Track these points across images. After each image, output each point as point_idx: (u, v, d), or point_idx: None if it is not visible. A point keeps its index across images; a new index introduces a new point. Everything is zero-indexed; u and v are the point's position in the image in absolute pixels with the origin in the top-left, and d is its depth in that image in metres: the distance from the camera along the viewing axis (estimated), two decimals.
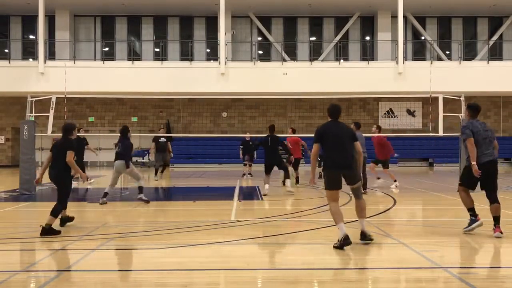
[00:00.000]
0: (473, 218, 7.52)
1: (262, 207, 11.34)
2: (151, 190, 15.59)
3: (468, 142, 7.34)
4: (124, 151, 11.58)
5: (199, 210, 10.51)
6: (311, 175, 7.12)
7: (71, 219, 8.26)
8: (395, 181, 14.91)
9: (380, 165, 15.18)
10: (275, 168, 13.69)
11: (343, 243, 6.47)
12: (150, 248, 6.79)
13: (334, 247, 6.53)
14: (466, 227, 7.59)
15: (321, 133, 6.84)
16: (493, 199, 7.46)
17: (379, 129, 15.34)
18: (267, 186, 13.12)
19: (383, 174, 15.64)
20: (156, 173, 18.41)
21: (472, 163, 7.30)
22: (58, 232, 7.52)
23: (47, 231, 7.41)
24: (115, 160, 11.69)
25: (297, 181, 15.63)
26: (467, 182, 7.61)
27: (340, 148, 6.72)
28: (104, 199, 11.28)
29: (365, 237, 6.79)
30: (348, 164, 6.74)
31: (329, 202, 6.92)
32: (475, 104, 7.79)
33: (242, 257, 6.27)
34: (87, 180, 7.86)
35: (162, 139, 18.25)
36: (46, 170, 8.14)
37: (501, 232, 7.19)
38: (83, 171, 15.77)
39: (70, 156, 7.75)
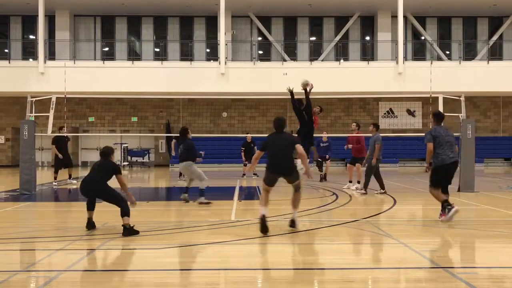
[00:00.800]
0: (449, 207, 8.31)
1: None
2: (151, 190, 15.60)
3: (428, 146, 8.74)
4: (187, 152, 11.55)
5: (199, 210, 10.51)
6: (251, 167, 8.86)
7: (94, 226, 8.07)
8: (358, 182, 14.30)
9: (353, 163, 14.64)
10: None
11: (260, 222, 7.55)
12: (150, 248, 6.79)
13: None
14: (443, 218, 8.39)
15: (266, 143, 7.94)
16: (446, 190, 8.88)
17: (359, 127, 15.00)
18: None
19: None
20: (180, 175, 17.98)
21: (426, 164, 8.90)
22: (137, 232, 7.54)
23: (129, 231, 7.46)
24: (180, 162, 11.83)
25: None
26: (435, 182, 8.73)
27: (280, 155, 7.73)
28: (186, 195, 11.54)
29: (293, 224, 7.81)
30: (286, 170, 7.77)
31: (262, 190, 7.95)
32: (439, 112, 9.33)
33: (242, 257, 6.27)
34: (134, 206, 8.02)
35: None
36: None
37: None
38: (71, 165, 16.58)
39: (122, 179, 8.05)
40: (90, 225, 7.97)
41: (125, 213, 7.63)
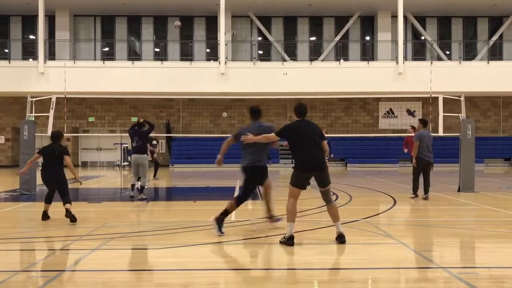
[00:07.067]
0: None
1: (262, 207, 11.32)
2: (151, 190, 15.58)
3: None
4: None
5: (199, 210, 10.51)
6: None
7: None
8: None
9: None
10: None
11: (288, 242, 6.65)
12: (150, 248, 6.79)
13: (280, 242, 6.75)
14: None
15: (289, 130, 7.26)
16: None
17: (414, 129, 15.53)
18: None
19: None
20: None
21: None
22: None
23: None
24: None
25: None
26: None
27: (309, 147, 6.97)
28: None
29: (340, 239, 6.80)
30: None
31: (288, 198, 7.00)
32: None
33: (242, 257, 6.27)
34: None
35: None
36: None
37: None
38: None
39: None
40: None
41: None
